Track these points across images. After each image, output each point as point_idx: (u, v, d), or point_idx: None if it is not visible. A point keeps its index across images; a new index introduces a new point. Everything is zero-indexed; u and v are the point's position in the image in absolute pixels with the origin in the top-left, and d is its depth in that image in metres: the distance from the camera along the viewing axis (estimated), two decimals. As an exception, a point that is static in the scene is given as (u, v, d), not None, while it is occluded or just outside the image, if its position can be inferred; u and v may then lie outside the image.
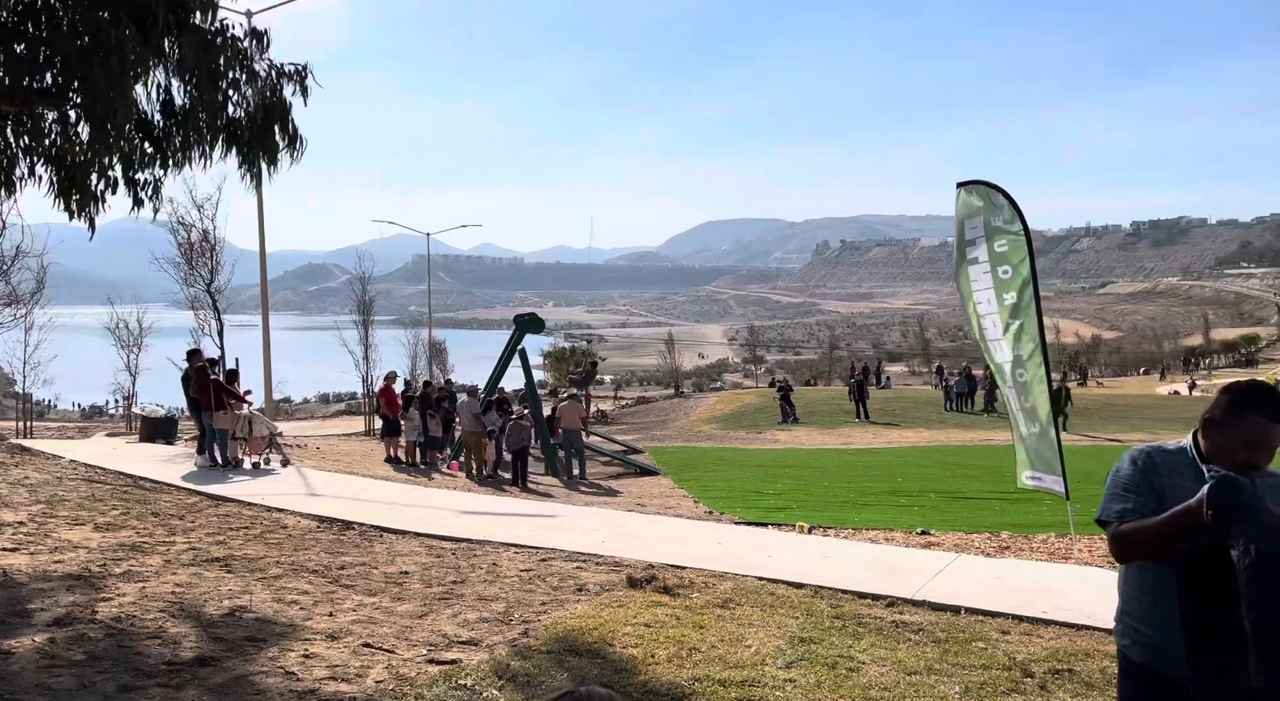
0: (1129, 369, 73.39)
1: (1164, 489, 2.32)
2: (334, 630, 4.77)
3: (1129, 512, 2.33)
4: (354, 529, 7.85)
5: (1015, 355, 7.30)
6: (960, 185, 7.17)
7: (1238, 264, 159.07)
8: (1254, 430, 2.21)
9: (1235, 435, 2.25)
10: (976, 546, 7.59)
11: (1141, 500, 2.32)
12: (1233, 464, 2.23)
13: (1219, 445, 2.29)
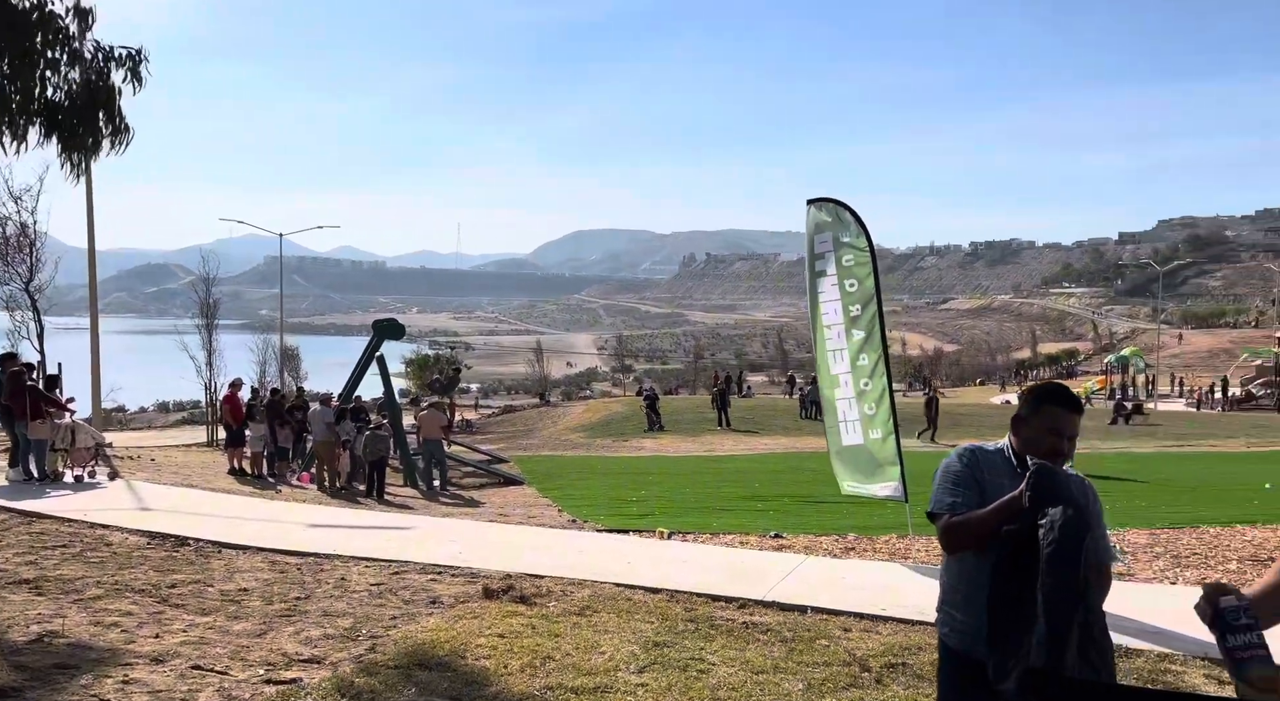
0: (968, 379, 78.72)
1: (985, 484, 2.53)
2: (160, 653, 4.44)
3: (958, 505, 2.53)
4: (189, 545, 7.34)
5: (858, 365, 7.66)
6: (810, 202, 7.50)
7: (1061, 283, 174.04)
8: (1054, 419, 2.49)
9: (1039, 427, 2.51)
10: (824, 548, 7.92)
11: (968, 494, 2.53)
12: (1041, 452, 2.49)
13: (1027, 438, 2.53)
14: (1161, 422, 32.22)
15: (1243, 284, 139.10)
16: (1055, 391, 2.56)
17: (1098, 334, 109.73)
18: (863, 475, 7.57)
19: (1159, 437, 26.37)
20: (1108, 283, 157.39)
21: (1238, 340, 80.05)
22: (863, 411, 7.68)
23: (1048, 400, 2.52)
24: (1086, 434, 27.61)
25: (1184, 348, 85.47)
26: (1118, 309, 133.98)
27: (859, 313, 7.63)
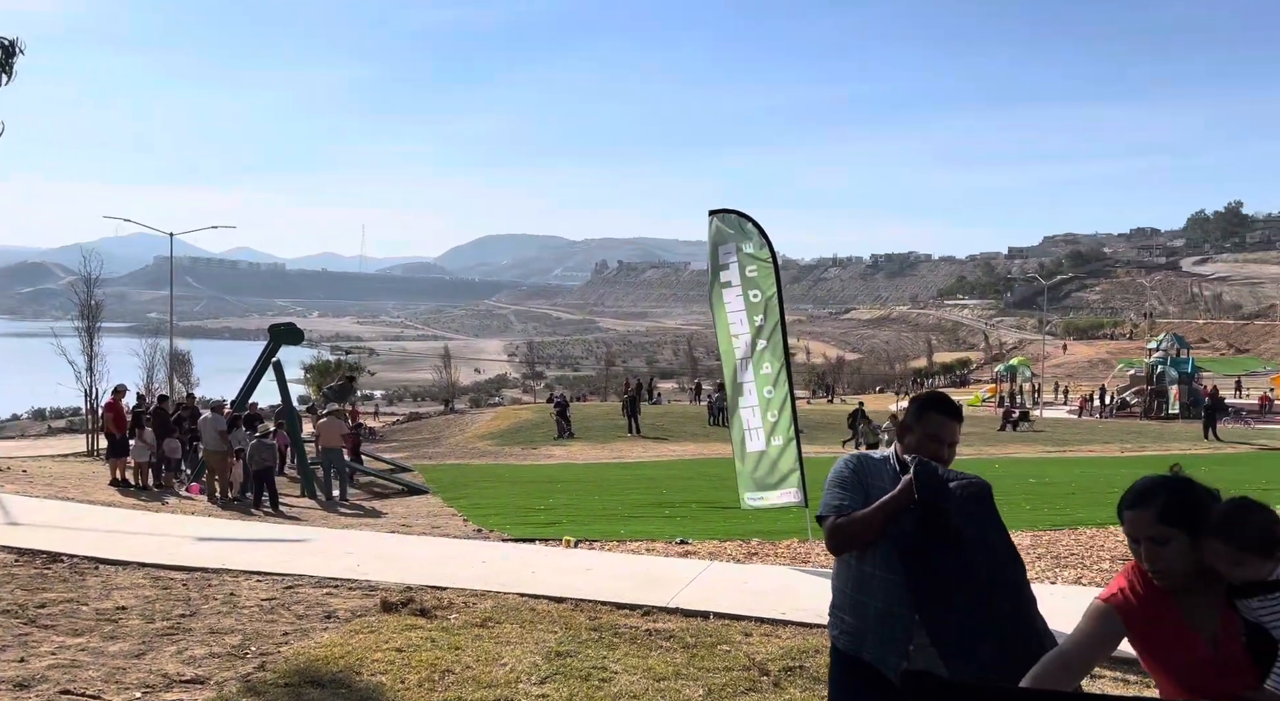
0: (868, 387, 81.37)
1: (870, 489, 2.62)
2: (25, 678, 4.14)
3: (844, 507, 2.61)
4: (61, 561, 6.89)
5: (762, 374, 7.82)
6: (712, 213, 7.62)
7: (955, 295, 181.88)
8: (936, 426, 2.60)
9: (922, 433, 2.62)
10: (728, 553, 8.03)
11: (855, 497, 2.61)
12: (925, 456, 2.59)
13: (911, 444, 2.63)
14: (1046, 429, 34.00)
15: (1119, 297, 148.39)
16: (937, 400, 2.67)
17: (989, 344, 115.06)
18: (764, 484, 7.70)
19: (1043, 443, 27.80)
20: (998, 295, 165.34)
21: (1114, 351, 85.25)
22: (765, 419, 7.83)
23: (930, 408, 2.62)
24: (978, 440, 28.94)
25: (1067, 358, 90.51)
26: (1007, 320, 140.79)
27: (762, 322, 7.79)
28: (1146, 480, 2.08)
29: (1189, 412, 37.44)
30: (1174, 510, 1.97)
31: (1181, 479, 2.05)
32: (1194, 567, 1.96)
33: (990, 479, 10.00)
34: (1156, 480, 2.06)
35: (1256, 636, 1.92)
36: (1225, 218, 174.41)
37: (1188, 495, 2.00)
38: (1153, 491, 2.02)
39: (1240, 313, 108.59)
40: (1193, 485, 2.03)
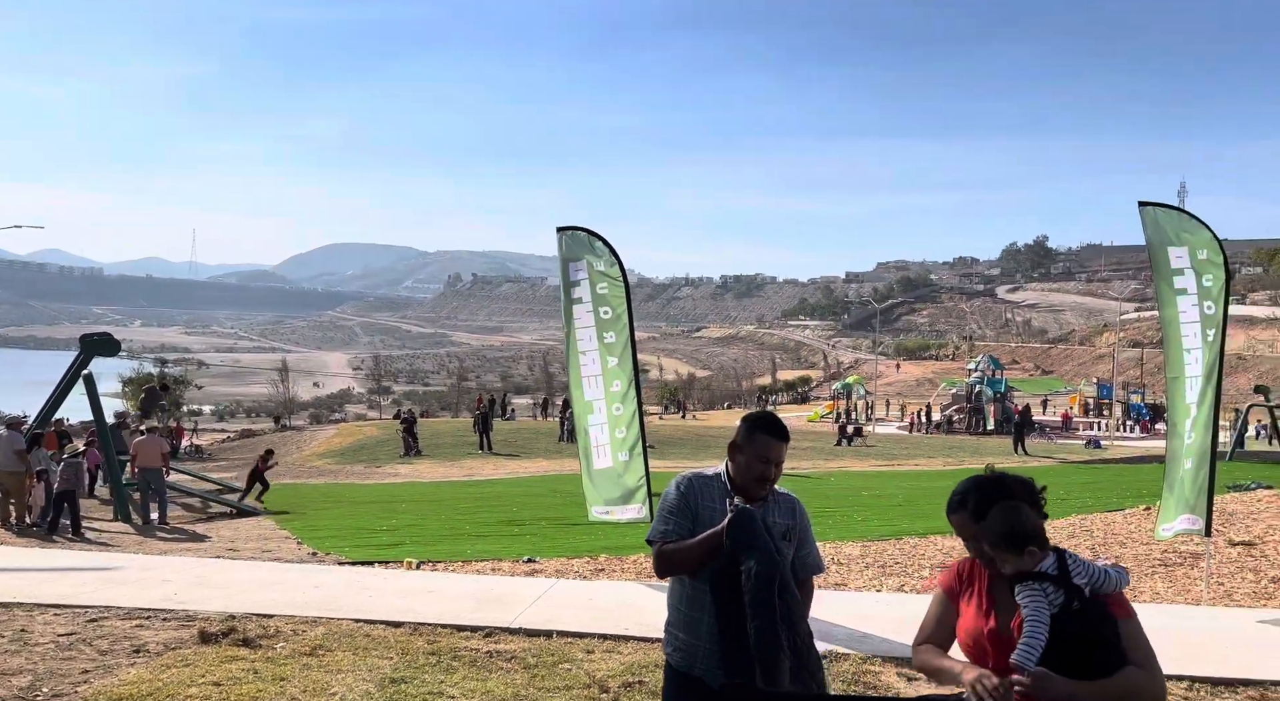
0: (717, 403, 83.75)
1: (699, 510, 2.68)
2: None
3: (670, 533, 2.67)
4: None
5: (611, 391, 7.88)
6: (561, 230, 7.64)
7: (798, 316, 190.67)
8: (764, 447, 2.68)
9: (751, 453, 2.69)
10: (575, 570, 8.02)
11: (681, 522, 2.67)
12: (751, 477, 2.68)
13: (741, 463, 2.71)
14: (877, 443, 36.10)
15: (943, 321, 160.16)
16: (766, 422, 2.74)
17: (828, 363, 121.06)
18: (611, 500, 7.75)
19: (875, 457, 29.50)
20: (837, 317, 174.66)
21: (939, 371, 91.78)
22: (614, 435, 7.89)
23: (759, 429, 2.70)
24: (816, 454, 30.29)
25: (899, 376, 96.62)
26: (845, 340, 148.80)
27: (613, 339, 7.86)
28: (963, 484, 2.33)
29: (1002, 428, 40.80)
30: (984, 511, 2.23)
31: (992, 479, 2.28)
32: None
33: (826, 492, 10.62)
34: (970, 483, 2.31)
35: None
36: (1034, 250, 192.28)
37: (997, 493, 2.24)
38: (966, 495, 2.29)
39: (1045, 337, 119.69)
40: (1001, 482, 2.27)
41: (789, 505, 2.77)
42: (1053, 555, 2.21)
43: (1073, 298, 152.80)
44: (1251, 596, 7.08)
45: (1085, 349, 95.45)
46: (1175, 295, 6.85)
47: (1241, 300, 73.99)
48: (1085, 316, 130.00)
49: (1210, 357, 6.66)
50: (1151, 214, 6.96)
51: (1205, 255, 6.69)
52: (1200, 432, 6.67)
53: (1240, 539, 9.18)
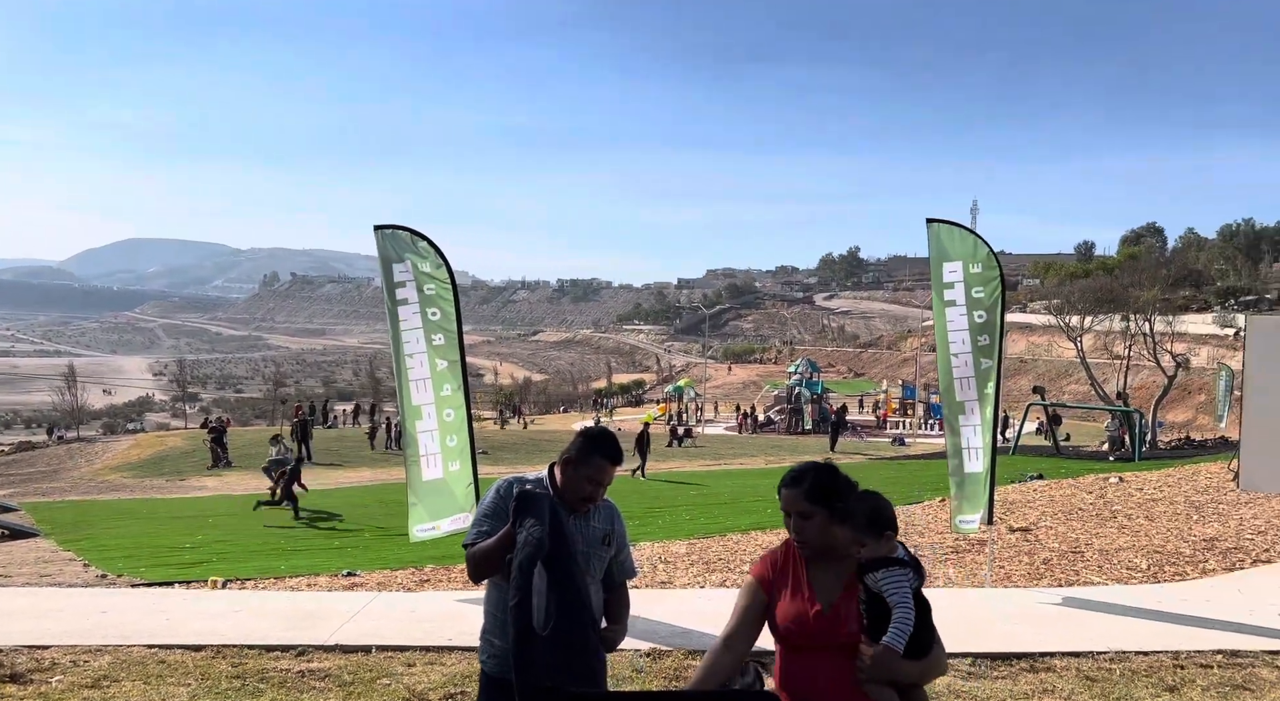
0: (553, 407, 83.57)
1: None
2: None
3: (483, 535, 2.63)
4: None
5: (441, 396, 7.65)
6: (379, 228, 7.35)
7: (632, 321, 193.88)
8: (598, 470, 2.68)
9: (583, 471, 2.68)
10: (399, 582, 7.75)
11: (497, 525, 2.64)
12: (578, 496, 2.68)
13: (569, 478, 2.70)
14: (706, 444, 37.31)
15: (767, 326, 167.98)
16: (605, 444, 2.71)
17: (660, 366, 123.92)
18: (437, 511, 7.48)
19: (704, 457, 30.47)
20: (669, 321, 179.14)
21: (763, 374, 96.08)
22: (444, 443, 7.65)
23: (598, 452, 2.68)
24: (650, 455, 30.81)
25: (727, 379, 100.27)
26: (677, 345, 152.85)
27: (442, 342, 7.63)
28: (802, 464, 2.44)
29: (819, 428, 43.27)
30: (819, 491, 2.33)
31: (828, 466, 2.42)
32: (828, 543, 2.34)
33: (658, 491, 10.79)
34: (809, 465, 2.43)
35: (875, 605, 2.28)
36: (847, 260, 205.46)
37: (831, 480, 2.37)
38: (805, 474, 2.38)
39: (858, 342, 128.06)
40: (836, 472, 2.41)
41: (609, 512, 2.81)
42: (900, 543, 2.37)
43: (881, 305, 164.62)
44: (1027, 577, 7.89)
45: (892, 353, 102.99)
46: (944, 306, 7.53)
47: (1023, 309, 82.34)
48: (892, 323, 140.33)
49: (984, 362, 7.36)
50: (936, 230, 7.61)
51: (979, 268, 7.39)
52: (983, 431, 7.37)
53: (1018, 525, 10.21)
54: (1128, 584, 7.56)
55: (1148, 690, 4.85)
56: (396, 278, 7.46)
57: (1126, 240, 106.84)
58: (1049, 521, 10.48)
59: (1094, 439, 29.79)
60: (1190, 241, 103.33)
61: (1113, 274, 45.21)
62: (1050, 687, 4.92)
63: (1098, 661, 5.36)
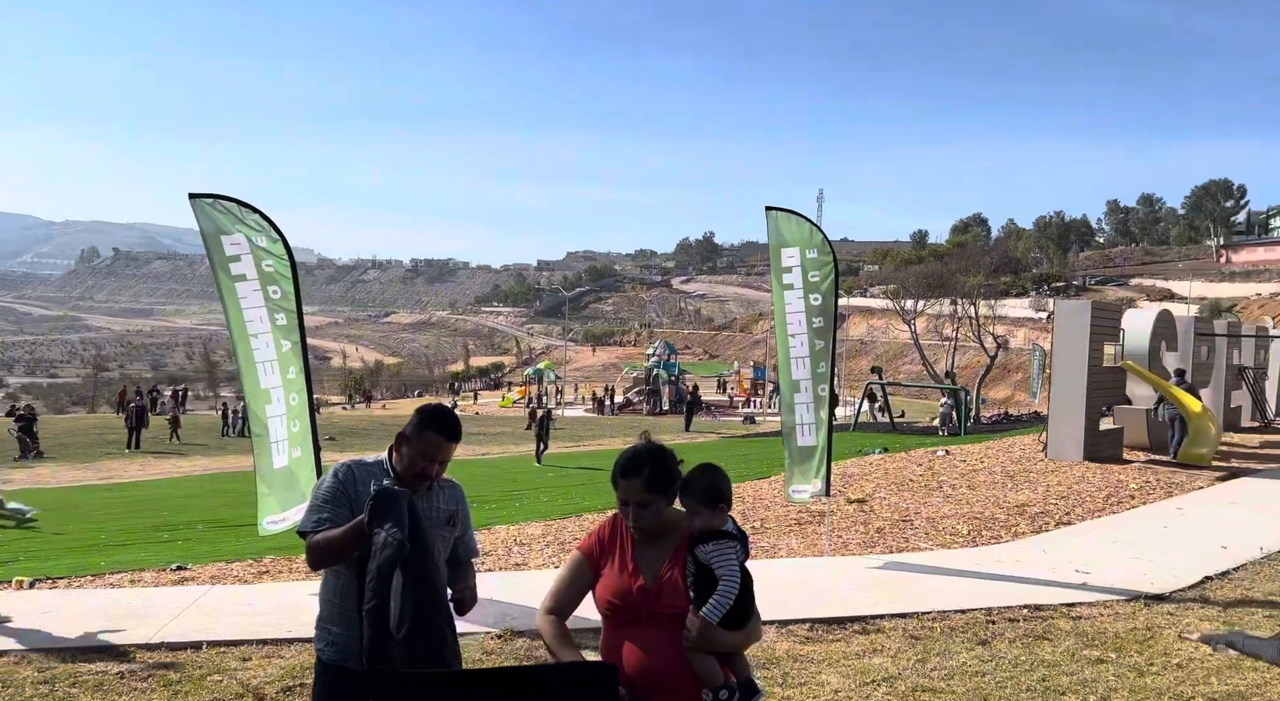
0: (407, 391, 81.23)
1: (359, 497, 2.57)
2: None
3: (324, 522, 2.53)
4: None
5: (288, 379, 7.26)
6: (196, 197, 6.83)
7: (491, 303, 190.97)
8: (433, 446, 2.62)
9: (418, 448, 2.62)
10: (235, 575, 7.34)
11: (337, 511, 2.55)
12: (413, 471, 2.61)
13: (406, 456, 2.64)
14: (566, 426, 37.38)
15: (626, 309, 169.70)
16: (438, 418, 2.65)
17: (520, 349, 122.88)
18: (286, 501, 7.13)
19: (565, 439, 30.50)
20: (528, 303, 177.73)
21: (623, 356, 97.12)
22: (289, 429, 7.27)
23: (430, 427, 2.62)
24: (508, 439, 30.58)
25: (587, 361, 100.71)
26: (537, 327, 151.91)
27: (285, 321, 7.23)
28: (633, 451, 2.42)
29: (676, 408, 44.24)
30: (657, 480, 2.34)
31: (658, 450, 2.40)
32: (661, 523, 2.38)
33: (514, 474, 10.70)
34: (641, 452, 2.41)
35: (703, 576, 2.33)
36: (703, 245, 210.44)
37: (666, 466, 2.37)
38: (641, 463, 2.37)
39: (713, 324, 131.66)
40: (664, 454, 2.40)
41: (453, 492, 2.77)
42: (730, 518, 2.44)
43: (735, 289, 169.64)
44: (862, 545, 8.39)
45: (745, 335, 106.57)
46: (783, 290, 7.89)
47: (864, 293, 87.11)
48: (745, 306, 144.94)
49: (818, 342, 7.76)
50: (774, 217, 7.93)
51: (815, 254, 7.77)
52: (816, 407, 7.77)
53: (856, 497, 10.83)
54: (950, 549, 8.18)
55: (964, 644, 5.28)
56: (229, 252, 7.00)
57: (956, 229, 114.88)
58: (883, 493, 11.18)
59: (927, 415, 31.98)
60: (1011, 231, 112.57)
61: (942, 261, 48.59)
62: (879, 647, 5.27)
63: (921, 621, 5.79)
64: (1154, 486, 11.20)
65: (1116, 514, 9.69)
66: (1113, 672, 4.69)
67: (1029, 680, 4.57)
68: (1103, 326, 13.32)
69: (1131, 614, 5.98)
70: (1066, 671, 4.71)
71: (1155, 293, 70.10)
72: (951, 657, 5.01)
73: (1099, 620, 5.81)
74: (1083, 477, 11.59)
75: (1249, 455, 14.37)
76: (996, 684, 4.54)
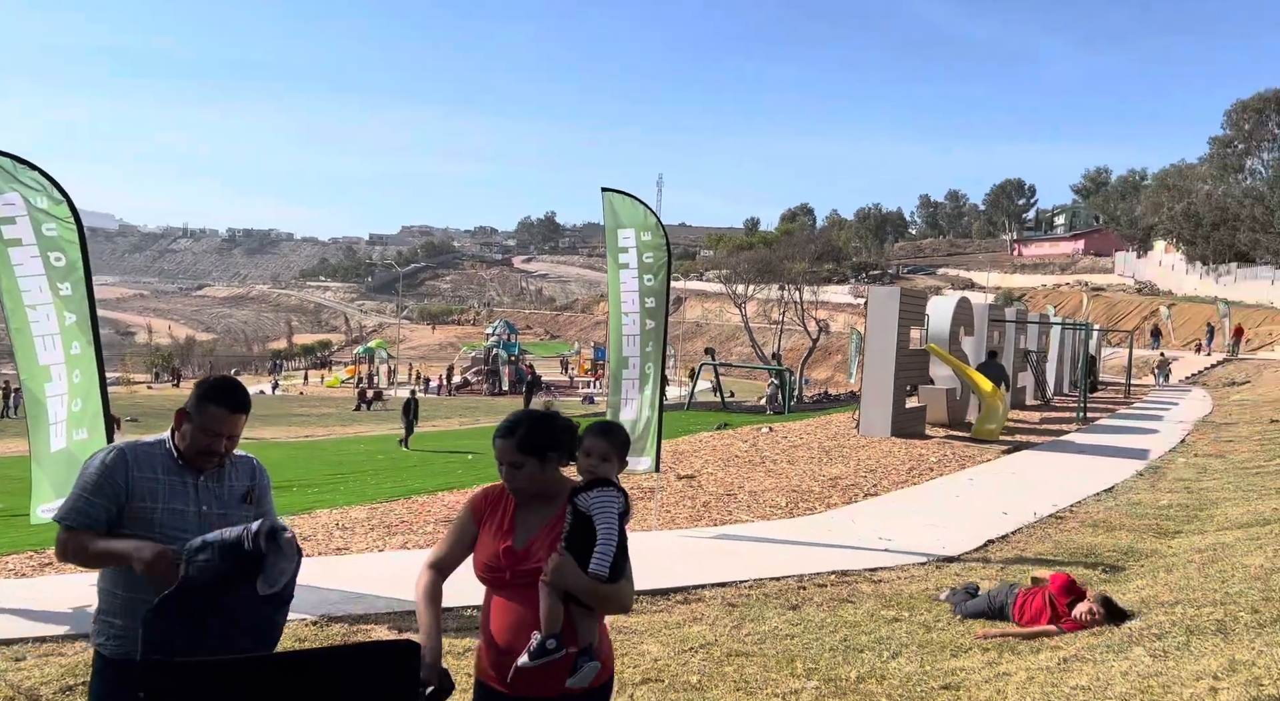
0: (223, 369, 75.86)
1: (133, 483, 2.40)
2: None
3: (86, 515, 2.37)
4: None
5: (72, 355, 6.61)
6: (-27, 152, 6.11)
7: (318, 277, 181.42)
8: (214, 420, 2.47)
9: (199, 424, 2.47)
10: (11, 568, 6.63)
11: (102, 501, 2.38)
12: (197, 447, 2.45)
13: (188, 433, 2.47)
14: (398, 407, 36.22)
15: (465, 287, 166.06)
16: (219, 390, 2.51)
17: (350, 326, 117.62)
18: (62, 487, 6.49)
19: (395, 421, 29.55)
20: (360, 279, 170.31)
21: (461, 335, 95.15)
22: (70, 409, 6.62)
23: (210, 400, 2.48)
24: (334, 421, 29.27)
25: (423, 340, 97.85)
26: (368, 304, 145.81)
27: (69, 292, 6.55)
28: (517, 413, 2.44)
29: (515, 388, 43.91)
30: (529, 441, 2.34)
31: (541, 416, 2.42)
32: (538, 487, 2.37)
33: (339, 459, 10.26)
34: (524, 414, 2.43)
35: (582, 526, 2.29)
36: (545, 224, 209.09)
37: (543, 428, 2.36)
38: (518, 424, 2.38)
39: (555, 305, 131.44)
40: (551, 419, 2.41)
41: (248, 467, 2.62)
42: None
43: (577, 270, 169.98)
44: (689, 519, 8.69)
45: (587, 316, 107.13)
46: (619, 269, 8.05)
47: (700, 277, 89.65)
48: (587, 287, 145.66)
49: (649, 322, 7.96)
50: (610, 198, 8.04)
51: (649, 237, 7.94)
52: (642, 384, 7.97)
53: (685, 473, 11.19)
54: (770, 520, 8.63)
55: (776, 610, 5.59)
56: (2, 212, 6.26)
57: (785, 218, 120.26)
58: (711, 468, 11.61)
59: (755, 395, 33.43)
60: (834, 221, 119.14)
61: (771, 248, 50.80)
62: (699, 616, 5.49)
63: (739, 589, 6.08)
64: (950, 459, 12.27)
65: (917, 485, 10.55)
66: (905, 630, 5.12)
67: (832, 640, 4.91)
68: (910, 312, 14.39)
69: (925, 575, 6.54)
70: (865, 631, 5.09)
71: (959, 282, 76.51)
72: (764, 623, 5.29)
73: (896, 582, 6.32)
74: (889, 452, 12.53)
75: (1031, 430, 16.03)
76: (803, 645, 4.84)
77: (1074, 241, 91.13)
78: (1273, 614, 4.22)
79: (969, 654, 4.63)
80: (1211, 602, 4.69)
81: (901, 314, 13.89)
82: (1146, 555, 6.74)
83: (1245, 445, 13.21)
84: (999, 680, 4.05)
